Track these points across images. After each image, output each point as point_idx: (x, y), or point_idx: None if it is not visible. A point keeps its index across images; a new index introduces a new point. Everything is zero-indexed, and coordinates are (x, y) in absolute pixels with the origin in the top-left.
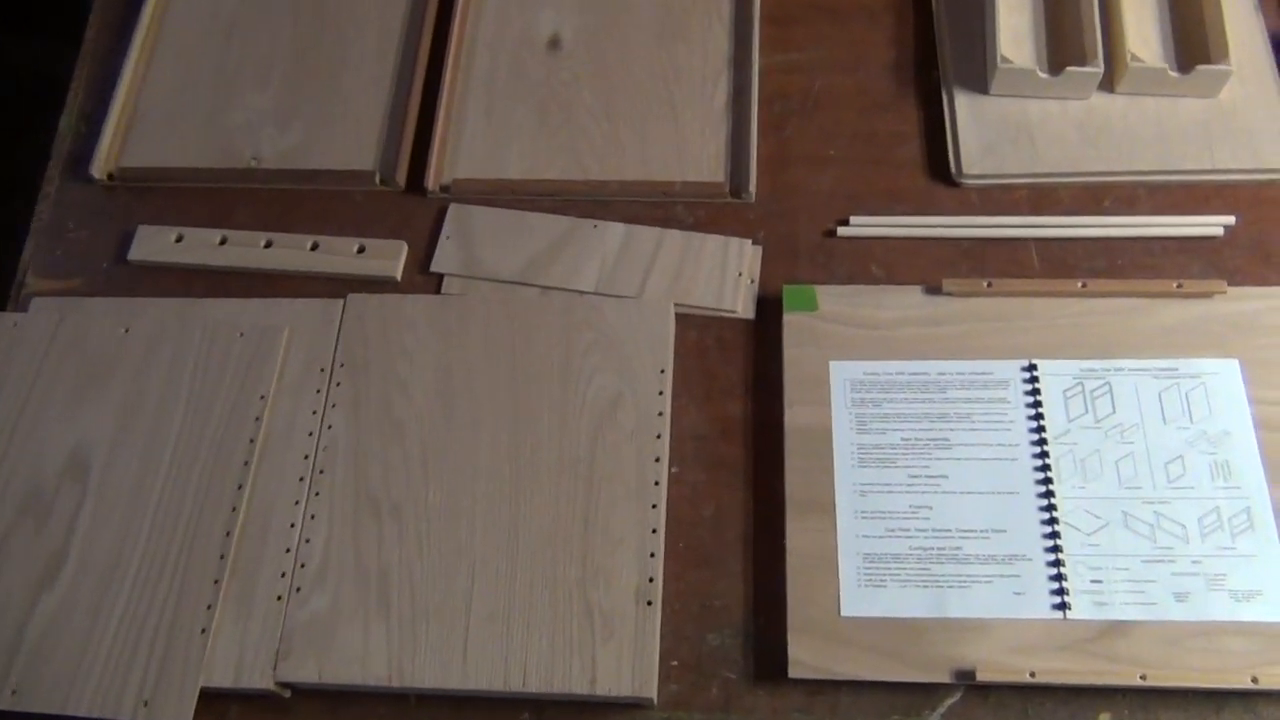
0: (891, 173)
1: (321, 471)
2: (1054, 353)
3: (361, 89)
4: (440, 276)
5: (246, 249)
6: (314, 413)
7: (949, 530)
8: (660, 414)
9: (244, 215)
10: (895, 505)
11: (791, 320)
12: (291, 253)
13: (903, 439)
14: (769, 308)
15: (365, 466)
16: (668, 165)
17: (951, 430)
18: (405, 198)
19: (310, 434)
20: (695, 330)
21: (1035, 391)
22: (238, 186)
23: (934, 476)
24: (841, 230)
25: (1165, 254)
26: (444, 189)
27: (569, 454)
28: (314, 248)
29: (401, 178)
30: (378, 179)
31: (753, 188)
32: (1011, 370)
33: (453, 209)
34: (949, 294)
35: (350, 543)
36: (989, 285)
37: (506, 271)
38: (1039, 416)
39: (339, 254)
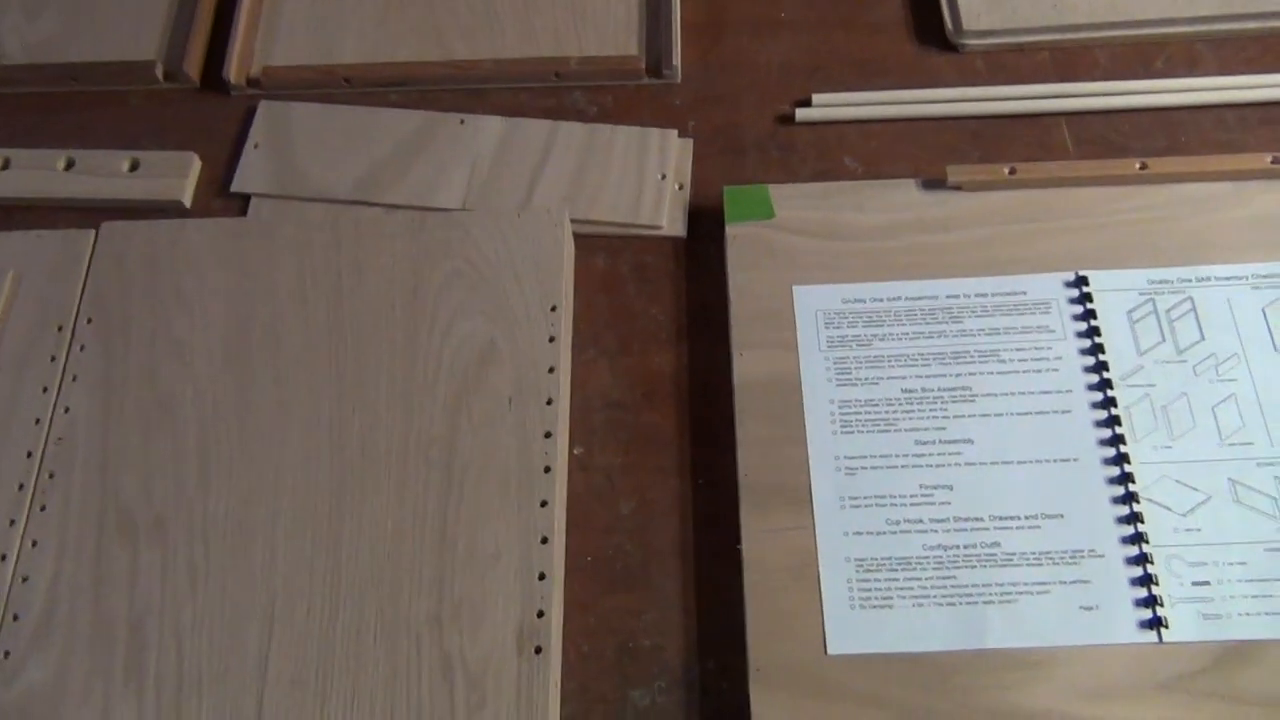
0: (865, 37)
1: (52, 476)
2: (1110, 260)
3: None
4: (246, 199)
5: None
6: (45, 390)
7: (980, 519)
8: (551, 370)
9: None
10: (899, 486)
11: (738, 233)
12: (35, 175)
13: (904, 390)
14: (706, 220)
15: (118, 466)
16: (561, 38)
17: (973, 375)
18: (201, 98)
19: (37, 421)
20: (604, 255)
21: (1089, 315)
22: None
23: (953, 442)
24: (801, 113)
25: (1243, 126)
26: (252, 82)
27: (418, 434)
28: (69, 166)
29: (194, 70)
30: (160, 72)
31: (677, 61)
32: (1053, 287)
33: (263, 108)
34: (956, 187)
35: (89, 580)
36: (1011, 172)
37: (338, 188)
38: (1097, 349)
39: (103, 174)
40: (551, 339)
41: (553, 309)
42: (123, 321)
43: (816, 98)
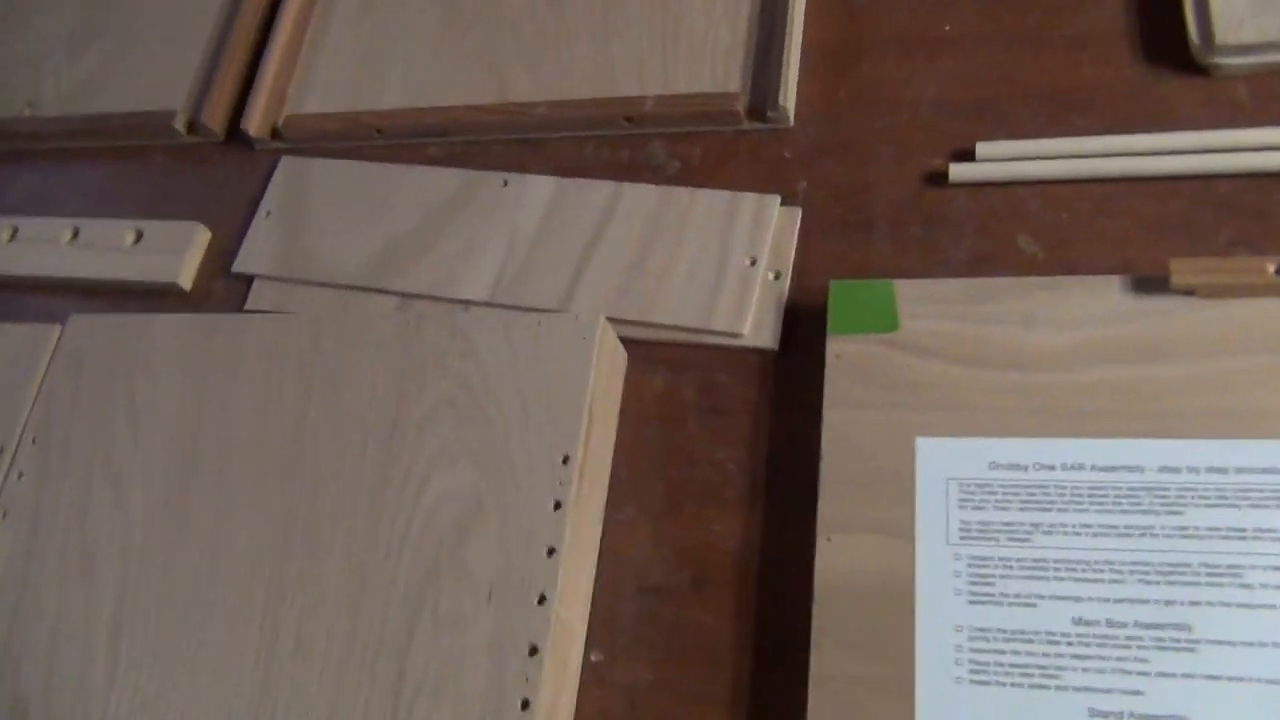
0: (1064, 56)
1: None
2: None
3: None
4: (250, 281)
5: None
6: None
7: None
8: (551, 552)
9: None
10: None
11: (844, 350)
12: (39, 249)
13: (1076, 621)
14: (810, 325)
15: (25, 635)
16: (642, 71)
17: (1197, 607)
18: (225, 153)
19: None
20: (663, 371)
21: None
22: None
23: (1155, 718)
24: (957, 170)
25: None
26: (275, 135)
27: (366, 634)
28: (75, 236)
29: (214, 121)
30: (182, 124)
31: (787, 99)
32: None
33: (284, 165)
34: (1186, 291)
35: None
36: None
37: (348, 269)
38: None
39: (105, 247)
40: (558, 505)
41: (564, 460)
42: (67, 441)
43: (982, 147)
